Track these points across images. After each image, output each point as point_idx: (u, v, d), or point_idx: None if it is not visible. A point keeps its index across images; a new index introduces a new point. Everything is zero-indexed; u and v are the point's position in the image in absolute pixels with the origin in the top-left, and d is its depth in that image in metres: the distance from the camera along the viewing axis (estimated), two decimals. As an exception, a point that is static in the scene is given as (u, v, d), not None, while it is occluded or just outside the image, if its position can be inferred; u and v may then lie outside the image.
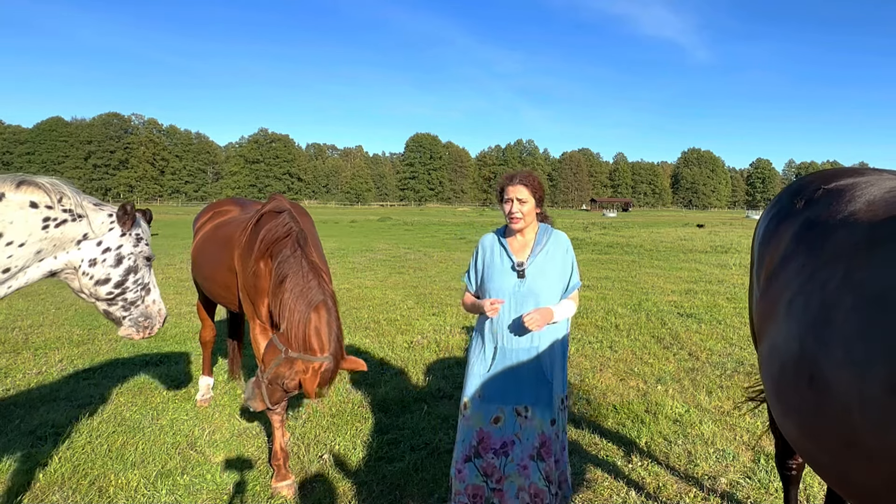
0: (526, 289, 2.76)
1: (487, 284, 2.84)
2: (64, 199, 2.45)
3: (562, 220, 46.66)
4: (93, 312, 8.85)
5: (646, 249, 20.18)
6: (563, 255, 2.86)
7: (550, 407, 2.76)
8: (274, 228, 3.53)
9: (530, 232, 2.87)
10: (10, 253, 2.31)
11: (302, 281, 3.26)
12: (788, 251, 1.95)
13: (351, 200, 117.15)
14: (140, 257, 2.73)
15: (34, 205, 2.36)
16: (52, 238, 2.42)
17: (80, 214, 2.50)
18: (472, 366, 2.87)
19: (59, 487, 3.46)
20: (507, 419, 2.74)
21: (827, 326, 1.50)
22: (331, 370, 3.15)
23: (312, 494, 3.44)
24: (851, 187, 1.96)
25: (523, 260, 2.79)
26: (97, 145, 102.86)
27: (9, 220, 2.29)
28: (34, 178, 2.41)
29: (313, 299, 3.21)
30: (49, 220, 2.40)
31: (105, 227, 2.61)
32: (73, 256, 2.54)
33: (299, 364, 3.10)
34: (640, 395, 5.13)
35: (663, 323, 8.03)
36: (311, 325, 3.15)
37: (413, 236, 28.44)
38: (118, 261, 2.64)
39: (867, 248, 1.56)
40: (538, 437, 2.73)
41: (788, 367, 1.63)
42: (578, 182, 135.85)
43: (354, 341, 7.06)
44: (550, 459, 2.73)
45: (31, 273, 2.44)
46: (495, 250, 2.87)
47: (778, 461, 2.70)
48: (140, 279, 2.76)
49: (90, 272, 2.59)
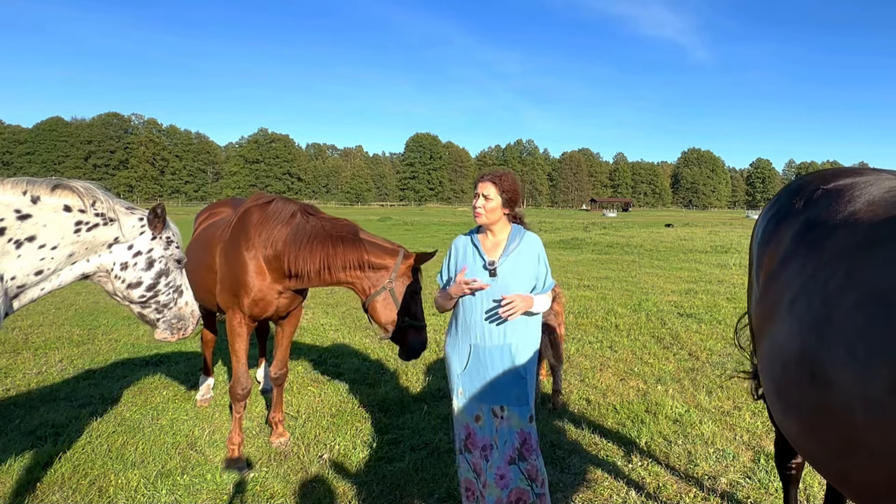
0: (498, 288, 2.77)
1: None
2: (97, 202, 2.47)
3: (562, 220, 46.68)
4: (93, 312, 8.85)
5: (646, 249, 20.17)
6: (535, 256, 2.88)
7: (528, 403, 2.78)
8: (273, 217, 3.73)
9: (502, 232, 2.88)
10: (43, 255, 2.33)
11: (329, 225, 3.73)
12: (789, 251, 1.94)
13: (351, 200, 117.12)
14: (171, 260, 2.74)
15: (68, 208, 2.38)
16: (83, 241, 2.44)
17: (112, 218, 2.52)
18: (449, 359, 2.91)
19: (59, 487, 3.46)
20: (485, 419, 2.78)
21: (829, 325, 1.50)
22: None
23: (312, 494, 3.44)
24: (851, 187, 1.96)
25: (495, 259, 2.81)
26: (97, 145, 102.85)
27: (42, 224, 2.31)
28: (69, 182, 2.43)
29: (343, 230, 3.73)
30: (81, 224, 2.41)
31: (136, 230, 2.62)
32: (104, 260, 2.55)
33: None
34: (640, 395, 5.13)
35: (663, 323, 8.03)
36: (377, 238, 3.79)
37: (413, 236, 28.44)
38: (149, 264, 2.65)
39: (868, 248, 1.57)
40: (517, 436, 2.74)
41: (790, 365, 1.63)
42: (578, 182, 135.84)
43: (354, 341, 7.06)
44: (531, 457, 2.75)
45: (63, 276, 2.46)
46: (468, 250, 2.90)
47: (777, 461, 2.70)
48: (172, 282, 2.77)
49: (122, 276, 2.61)
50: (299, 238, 3.62)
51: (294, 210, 3.78)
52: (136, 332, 7.51)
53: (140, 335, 7.37)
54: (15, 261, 2.26)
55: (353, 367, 6.01)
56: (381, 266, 3.64)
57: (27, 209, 2.27)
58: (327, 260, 3.59)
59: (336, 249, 3.59)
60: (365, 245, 3.64)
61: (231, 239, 3.81)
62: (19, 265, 2.27)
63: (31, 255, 2.30)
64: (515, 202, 2.86)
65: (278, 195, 4.06)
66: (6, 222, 2.22)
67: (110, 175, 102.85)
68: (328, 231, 3.66)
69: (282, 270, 3.69)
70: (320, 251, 3.59)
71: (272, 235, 3.68)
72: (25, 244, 2.27)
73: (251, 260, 3.72)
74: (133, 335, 7.38)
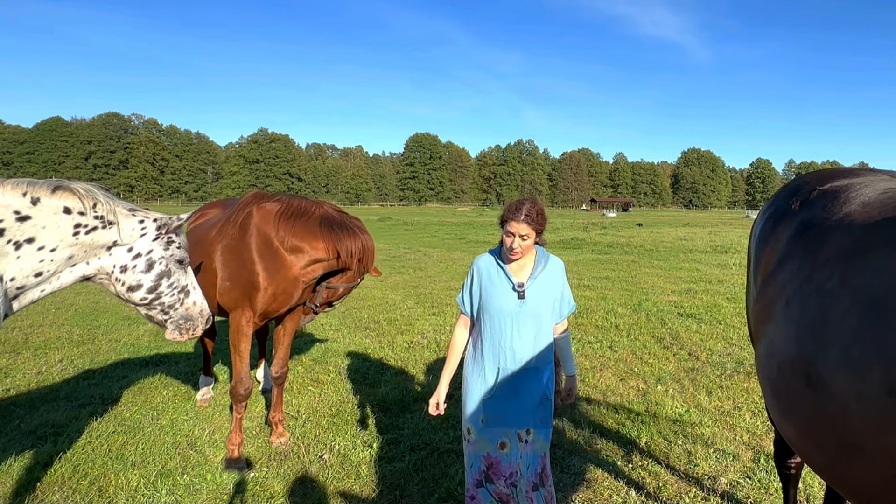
0: (527, 309, 2.75)
1: (487, 306, 2.81)
2: (98, 205, 2.46)
3: (562, 220, 46.68)
4: (93, 312, 8.85)
5: (646, 249, 20.17)
6: (559, 279, 2.88)
7: (550, 425, 2.79)
8: (290, 216, 3.85)
9: (528, 255, 2.85)
10: (42, 257, 2.32)
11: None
12: (785, 253, 1.95)
13: (351, 200, 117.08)
14: (172, 261, 2.71)
15: (67, 210, 2.37)
16: (82, 244, 2.43)
17: (111, 221, 2.51)
18: (470, 385, 2.84)
19: (59, 487, 3.47)
20: (511, 445, 2.72)
21: (824, 327, 1.50)
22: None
23: (312, 494, 3.45)
24: (846, 188, 1.97)
25: (523, 281, 2.79)
26: (97, 145, 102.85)
27: (42, 225, 2.30)
28: (70, 184, 2.42)
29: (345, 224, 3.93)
30: (80, 227, 2.40)
31: (136, 233, 2.60)
32: (104, 262, 2.54)
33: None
34: (640, 395, 5.13)
35: (663, 323, 8.03)
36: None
37: (413, 236, 28.45)
38: (149, 266, 2.63)
39: (863, 250, 1.57)
40: (540, 462, 2.73)
41: (786, 367, 1.64)
42: (578, 182, 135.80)
43: (355, 341, 7.07)
44: (548, 483, 2.75)
45: (64, 278, 2.45)
46: (492, 272, 2.84)
47: (777, 461, 2.70)
48: (175, 283, 2.74)
49: (122, 278, 2.59)
50: (345, 224, 3.90)
51: (313, 204, 3.97)
52: (136, 332, 7.52)
53: (140, 335, 7.37)
54: (14, 262, 2.26)
55: (353, 367, 6.01)
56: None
57: (27, 210, 2.27)
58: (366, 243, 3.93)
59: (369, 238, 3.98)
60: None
61: (242, 236, 3.78)
62: (18, 267, 2.27)
63: (30, 257, 2.29)
64: (544, 229, 2.83)
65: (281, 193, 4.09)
66: (5, 223, 2.22)
67: (110, 175, 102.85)
68: (351, 220, 4.00)
69: (310, 259, 3.80)
70: (364, 239, 3.91)
71: (300, 227, 3.79)
72: (24, 246, 2.27)
73: (273, 256, 3.72)
74: (133, 335, 7.38)
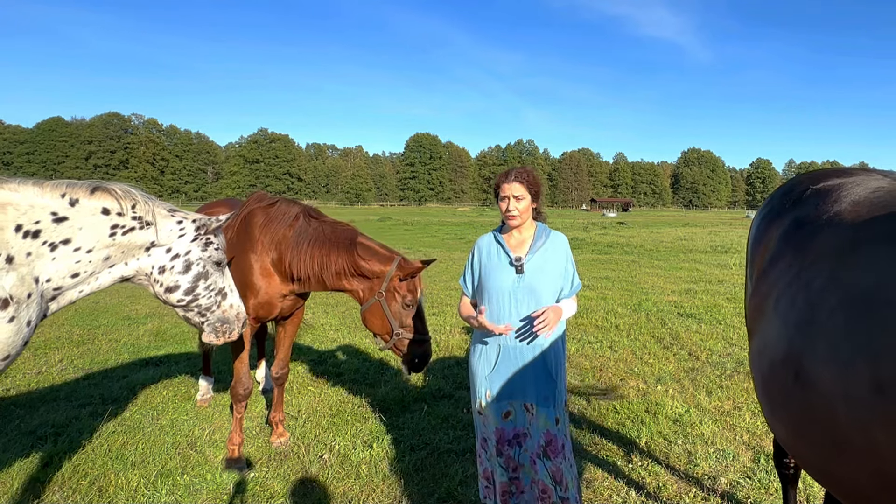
0: (525, 285, 2.73)
1: (486, 283, 2.81)
2: (137, 206, 2.45)
3: (562, 220, 46.67)
4: (93, 312, 8.85)
5: (646, 249, 20.18)
6: (563, 255, 2.86)
7: (555, 405, 2.75)
8: (277, 219, 3.71)
9: (528, 230, 2.86)
10: (78, 258, 2.31)
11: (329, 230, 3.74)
12: (777, 251, 1.97)
13: (351, 200, 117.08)
14: (209, 262, 2.69)
15: (106, 211, 2.37)
16: (119, 245, 2.42)
17: (149, 222, 2.50)
18: (475, 368, 2.85)
19: (59, 487, 3.47)
20: (517, 413, 2.74)
21: (812, 325, 1.52)
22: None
23: (312, 494, 3.45)
24: (838, 187, 1.98)
25: (521, 255, 2.78)
26: (97, 145, 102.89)
27: (78, 227, 2.30)
28: (108, 185, 2.42)
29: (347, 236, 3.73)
30: (117, 228, 2.39)
31: (174, 234, 2.59)
32: (143, 263, 2.53)
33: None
34: (640, 395, 5.14)
35: (663, 323, 8.03)
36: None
37: (413, 236, 28.45)
38: (186, 267, 2.62)
39: (851, 248, 1.59)
40: (543, 436, 2.72)
41: (776, 364, 1.65)
42: (578, 182, 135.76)
43: (355, 341, 7.07)
44: (557, 459, 2.71)
45: (102, 278, 2.44)
46: (492, 249, 2.86)
47: (776, 461, 2.71)
48: (212, 284, 2.72)
49: (160, 279, 2.58)
50: (300, 241, 3.63)
51: (297, 212, 3.79)
52: (136, 333, 7.52)
53: (140, 335, 7.38)
54: (49, 263, 2.24)
55: (353, 367, 6.02)
56: (375, 274, 3.63)
57: (64, 212, 2.26)
58: (322, 264, 3.60)
59: (331, 254, 3.59)
60: (359, 251, 3.62)
61: (236, 240, 3.80)
62: (54, 268, 2.26)
63: (66, 258, 2.28)
64: (540, 195, 2.84)
65: (281, 196, 4.06)
66: (41, 224, 2.21)
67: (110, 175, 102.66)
68: (327, 235, 3.66)
69: (285, 273, 3.71)
70: (317, 255, 3.60)
71: (276, 237, 3.69)
72: (60, 247, 2.26)
73: (256, 262, 3.73)
74: (133, 335, 7.39)
